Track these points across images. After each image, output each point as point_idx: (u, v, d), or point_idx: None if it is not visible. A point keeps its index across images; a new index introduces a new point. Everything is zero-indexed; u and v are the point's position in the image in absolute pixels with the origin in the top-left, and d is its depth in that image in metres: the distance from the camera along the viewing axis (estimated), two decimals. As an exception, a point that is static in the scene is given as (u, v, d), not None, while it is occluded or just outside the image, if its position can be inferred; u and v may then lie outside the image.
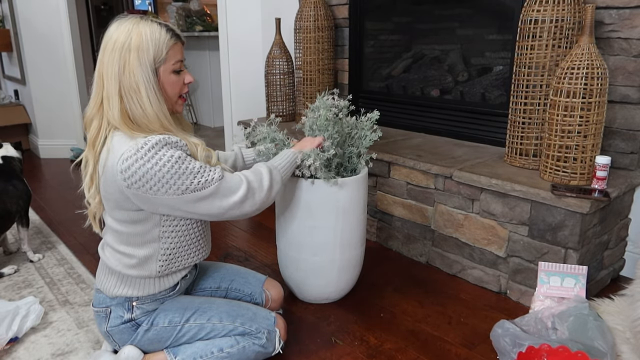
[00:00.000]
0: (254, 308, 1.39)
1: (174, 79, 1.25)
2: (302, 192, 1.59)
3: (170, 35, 1.22)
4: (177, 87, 1.27)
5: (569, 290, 1.53)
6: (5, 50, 4.24)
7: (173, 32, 1.23)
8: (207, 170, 1.20)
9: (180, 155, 1.18)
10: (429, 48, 2.55)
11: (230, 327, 1.33)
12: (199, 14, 4.88)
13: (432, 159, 2.01)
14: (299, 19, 2.69)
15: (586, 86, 1.57)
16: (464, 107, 2.30)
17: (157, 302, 1.34)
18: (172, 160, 1.16)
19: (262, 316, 1.37)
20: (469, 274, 1.91)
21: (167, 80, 1.24)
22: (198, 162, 1.21)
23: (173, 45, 1.23)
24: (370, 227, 2.29)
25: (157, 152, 1.15)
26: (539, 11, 1.70)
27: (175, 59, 1.24)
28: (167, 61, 1.22)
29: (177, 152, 1.17)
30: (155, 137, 1.17)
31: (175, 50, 1.24)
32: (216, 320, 1.33)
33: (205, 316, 1.33)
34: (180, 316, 1.33)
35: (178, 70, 1.25)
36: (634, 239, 1.89)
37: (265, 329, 1.34)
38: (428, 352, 1.50)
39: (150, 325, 1.31)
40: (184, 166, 1.17)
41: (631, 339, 1.36)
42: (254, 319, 1.35)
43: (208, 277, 1.54)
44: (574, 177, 1.66)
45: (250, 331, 1.33)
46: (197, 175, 1.18)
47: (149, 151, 1.15)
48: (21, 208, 2.03)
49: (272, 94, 2.96)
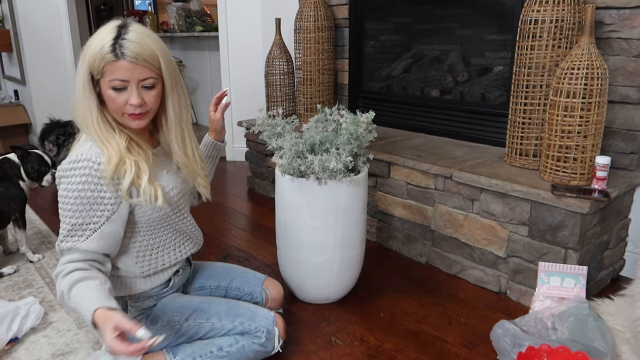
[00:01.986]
0: (253, 307, 1.39)
1: (112, 96, 1.16)
2: (302, 192, 1.59)
3: (110, 51, 1.11)
4: (116, 105, 1.17)
5: (569, 290, 1.53)
6: (5, 51, 4.24)
7: (116, 49, 1.12)
8: (78, 233, 1.15)
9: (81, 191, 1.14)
10: (429, 48, 2.55)
11: (229, 326, 1.33)
12: (199, 14, 4.87)
13: (432, 159, 2.01)
14: (299, 19, 2.69)
15: (586, 86, 1.57)
16: (464, 107, 2.30)
17: (152, 298, 1.34)
18: (72, 192, 1.15)
19: (261, 315, 1.37)
20: (469, 274, 1.91)
21: (106, 95, 1.18)
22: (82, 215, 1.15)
23: (111, 63, 1.12)
24: (370, 227, 2.29)
25: (68, 176, 1.16)
26: (539, 11, 1.70)
27: (113, 77, 1.14)
28: (104, 76, 1.15)
29: (79, 186, 1.14)
30: (76, 156, 1.16)
31: (114, 68, 1.13)
32: (215, 319, 1.33)
33: (204, 315, 1.33)
34: (179, 315, 1.33)
35: (119, 88, 1.16)
36: (634, 239, 1.89)
37: (265, 328, 1.34)
38: (428, 352, 1.50)
39: (148, 325, 1.31)
40: (68, 206, 1.15)
41: (631, 339, 1.36)
42: (253, 318, 1.35)
43: (207, 276, 1.54)
44: (574, 178, 1.66)
45: (249, 330, 1.33)
46: (68, 227, 1.16)
47: (65, 172, 1.16)
48: (14, 210, 2.04)
49: (272, 94, 2.96)
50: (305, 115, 2.79)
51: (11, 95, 4.54)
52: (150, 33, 1.19)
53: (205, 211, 2.71)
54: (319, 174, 1.54)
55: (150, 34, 1.18)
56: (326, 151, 1.61)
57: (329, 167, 1.51)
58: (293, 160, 1.57)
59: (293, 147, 1.58)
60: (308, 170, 1.56)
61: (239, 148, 3.68)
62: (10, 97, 4.48)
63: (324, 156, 1.53)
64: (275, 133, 1.67)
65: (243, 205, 2.85)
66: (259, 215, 2.67)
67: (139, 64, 1.14)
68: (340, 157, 1.53)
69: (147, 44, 1.15)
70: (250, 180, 3.10)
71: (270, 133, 1.67)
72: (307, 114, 2.78)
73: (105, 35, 1.13)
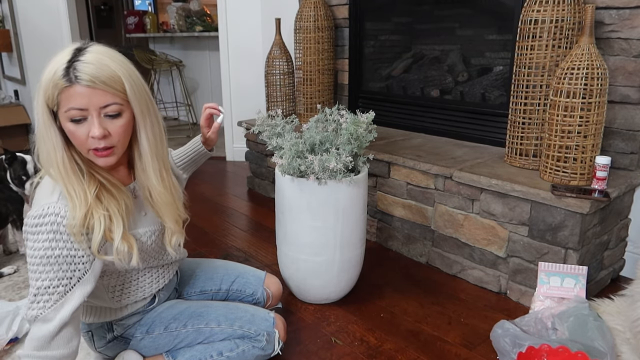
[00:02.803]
0: (252, 309, 1.37)
1: (71, 129, 1.00)
2: (302, 192, 1.59)
3: (63, 75, 0.96)
4: (77, 140, 1.01)
5: (569, 290, 1.53)
6: (5, 51, 4.24)
7: (69, 73, 0.96)
8: (44, 298, 1.01)
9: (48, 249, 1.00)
10: (429, 48, 2.55)
11: (228, 330, 1.31)
12: (199, 14, 4.87)
13: (432, 159, 2.01)
14: (299, 19, 2.69)
15: (586, 86, 1.57)
16: (464, 107, 2.30)
17: (137, 315, 1.31)
18: (38, 251, 1.01)
19: (260, 318, 1.35)
20: (469, 274, 1.91)
21: (65, 129, 1.01)
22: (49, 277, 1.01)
23: (65, 90, 0.97)
24: (370, 227, 2.29)
25: (34, 233, 1.01)
26: (539, 11, 1.70)
27: (68, 106, 0.98)
28: (60, 107, 0.99)
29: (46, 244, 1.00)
30: (42, 209, 1.01)
31: (69, 96, 0.97)
32: (214, 324, 1.31)
33: (203, 321, 1.31)
34: (177, 322, 1.31)
35: (77, 119, 0.99)
36: (634, 239, 1.89)
37: (265, 331, 1.32)
38: (428, 352, 1.50)
39: (145, 334, 1.30)
40: (35, 267, 1.01)
41: (631, 339, 1.36)
42: (252, 321, 1.33)
43: (208, 279, 1.52)
44: (574, 178, 1.66)
45: (249, 334, 1.31)
46: (34, 290, 1.02)
47: (31, 228, 1.01)
48: (12, 211, 2.05)
49: (272, 94, 2.96)
50: (305, 115, 2.79)
51: (11, 95, 4.54)
52: (113, 53, 1.04)
53: (206, 211, 2.71)
54: (319, 174, 1.54)
55: (113, 54, 1.03)
56: (326, 151, 1.61)
57: (329, 167, 1.51)
58: (293, 160, 1.57)
59: (293, 147, 1.58)
60: (308, 170, 1.56)
61: (239, 148, 3.68)
62: (10, 97, 4.49)
63: (324, 156, 1.53)
64: (275, 133, 1.67)
65: (243, 205, 2.85)
66: (259, 215, 2.67)
67: (96, 87, 0.98)
68: (340, 157, 1.53)
69: (107, 64, 0.99)
70: (250, 180, 3.10)
71: (270, 133, 1.67)
72: (307, 114, 2.78)
73: (59, 59, 0.98)
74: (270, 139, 1.66)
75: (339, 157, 1.53)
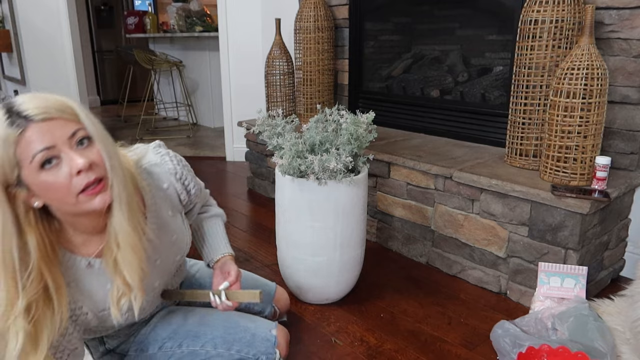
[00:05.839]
0: (253, 328, 1.27)
1: (48, 180, 0.84)
2: (302, 192, 1.59)
3: (9, 126, 0.81)
4: (60, 188, 0.85)
5: (569, 290, 1.53)
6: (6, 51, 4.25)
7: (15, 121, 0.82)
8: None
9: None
10: (429, 48, 2.55)
11: (225, 354, 1.21)
12: (199, 15, 4.88)
13: (432, 160, 2.01)
14: (299, 19, 2.69)
15: (586, 87, 1.57)
16: (464, 107, 2.30)
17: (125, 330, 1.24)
18: None
19: (261, 338, 1.24)
20: (469, 274, 1.91)
21: (40, 187, 0.85)
22: None
23: (19, 139, 0.82)
24: (370, 227, 2.29)
25: None
26: (539, 12, 1.70)
27: (32, 152, 0.82)
28: (22, 163, 0.83)
29: None
30: None
31: (27, 143, 0.82)
32: (210, 347, 1.22)
33: (198, 342, 1.23)
34: (172, 342, 1.23)
35: (47, 161, 0.83)
36: (634, 239, 1.89)
37: (264, 355, 1.22)
38: (428, 352, 1.50)
39: (139, 352, 1.24)
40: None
41: (631, 339, 1.36)
42: (251, 344, 1.23)
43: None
44: (574, 178, 1.66)
45: (247, 358, 1.22)
46: None
47: None
48: None
49: (272, 94, 2.96)
50: (305, 116, 2.79)
51: (11, 95, 4.54)
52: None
53: (205, 211, 2.71)
54: (319, 174, 1.54)
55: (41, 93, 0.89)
56: (326, 151, 1.61)
57: (329, 167, 1.51)
58: (293, 160, 1.57)
59: (293, 147, 1.58)
60: (308, 170, 1.56)
61: (239, 148, 3.68)
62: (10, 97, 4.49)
63: (324, 156, 1.53)
64: (275, 133, 1.67)
65: (243, 205, 2.85)
66: (259, 216, 2.67)
67: (53, 118, 0.84)
68: (340, 158, 1.53)
69: (45, 96, 0.86)
70: (250, 180, 3.10)
71: (270, 133, 1.67)
72: (307, 114, 2.78)
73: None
74: (270, 139, 1.66)
75: (339, 157, 1.53)
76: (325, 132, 1.64)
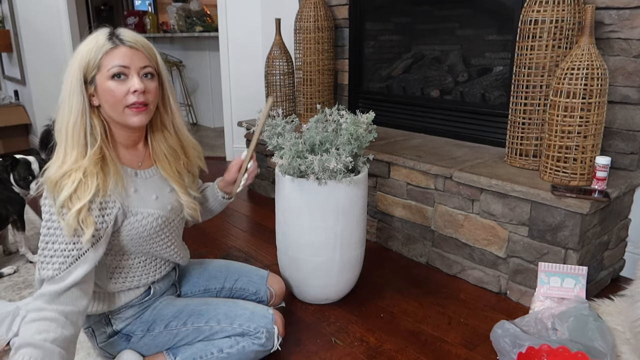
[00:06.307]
0: (251, 307, 1.38)
1: (111, 87, 1.12)
2: (302, 192, 1.59)
3: (107, 40, 1.11)
4: (116, 97, 1.12)
5: (569, 290, 1.53)
6: (6, 51, 4.24)
7: (113, 38, 1.12)
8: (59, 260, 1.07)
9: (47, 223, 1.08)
10: (429, 48, 2.55)
11: (228, 329, 1.32)
12: (199, 15, 4.88)
13: (432, 160, 2.01)
14: (299, 19, 2.69)
15: (586, 87, 1.57)
16: (464, 107, 2.30)
17: (134, 307, 1.32)
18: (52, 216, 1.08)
19: (259, 315, 1.36)
20: (469, 274, 1.91)
21: (104, 90, 1.12)
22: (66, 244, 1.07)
23: (110, 51, 1.11)
24: (370, 227, 2.29)
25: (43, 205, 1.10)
26: (539, 12, 1.71)
27: (112, 64, 1.11)
28: (101, 69, 1.11)
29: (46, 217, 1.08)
30: None
31: (113, 56, 1.11)
32: (214, 322, 1.32)
33: (202, 319, 1.33)
34: (177, 320, 1.32)
35: (118, 75, 1.11)
36: (634, 239, 1.89)
37: (264, 328, 1.33)
38: (428, 352, 1.50)
39: (146, 332, 1.31)
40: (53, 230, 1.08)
41: (631, 339, 1.36)
42: (251, 319, 1.34)
43: (211, 277, 1.53)
44: (574, 178, 1.66)
45: (248, 331, 1.32)
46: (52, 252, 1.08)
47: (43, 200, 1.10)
48: (12, 212, 2.04)
49: (272, 94, 2.96)
50: (305, 116, 2.79)
51: (11, 95, 4.54)
52: None
53: (205, 211, 2.71)
54: (319, 174, 1.54)
55: None
56: (326, 151, 1.61)
57: (329, 167, 1.51)
58: (293, 160, 1.57)
59: (293, 147, 1.58)
60: (308, 170, 1.56)
61: (239, 148, 3.68)
62: (10, 97, 4.48)
63: (324, 156, 1.53)
64: (275, 133, 1.67)
65: (243, 205, 2.85)
66: (259, 215, 2.67)
67: (138, 49, 1.13)
68: (340, 158, 1.53)
69: (142, 38, 1.16)
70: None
71: (270, 133, 1.67)
72: (307, 114, 2.78)
73: (98, 35, 1.13)
74: (270, 139, 1.66)
75: (339, 157, 1.53)
76: (325, 132, 1.64)
